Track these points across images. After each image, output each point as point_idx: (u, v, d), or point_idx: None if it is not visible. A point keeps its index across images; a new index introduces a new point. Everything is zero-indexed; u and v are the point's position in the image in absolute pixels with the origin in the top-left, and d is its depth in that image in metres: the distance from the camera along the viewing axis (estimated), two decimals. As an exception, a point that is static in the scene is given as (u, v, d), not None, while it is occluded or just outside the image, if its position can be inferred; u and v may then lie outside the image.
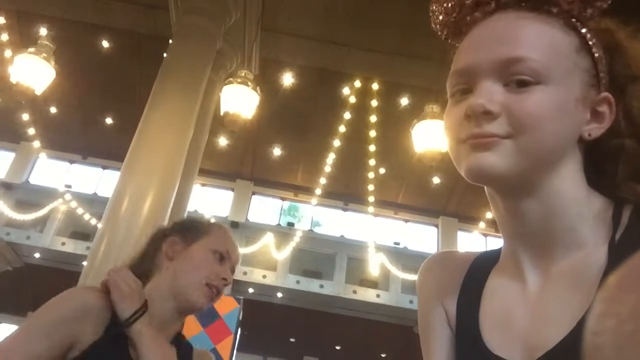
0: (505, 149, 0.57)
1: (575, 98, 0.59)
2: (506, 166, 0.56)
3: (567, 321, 0.55)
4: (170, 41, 6.18)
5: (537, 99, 0.56)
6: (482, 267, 0.70)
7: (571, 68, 0.59)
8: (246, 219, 14.15)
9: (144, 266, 1.31)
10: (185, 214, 6.51)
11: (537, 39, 0.58)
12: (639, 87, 0.62)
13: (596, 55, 0.61)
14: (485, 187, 0.64)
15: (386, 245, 13.65)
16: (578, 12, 0.61)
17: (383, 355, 15.75)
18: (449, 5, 0.66)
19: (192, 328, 5.00)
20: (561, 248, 0.60)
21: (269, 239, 13.12)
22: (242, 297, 5.92)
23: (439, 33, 0.69)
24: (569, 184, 0.60)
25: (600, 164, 0.63)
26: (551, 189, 0.60)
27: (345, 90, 9.44)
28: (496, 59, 0.58)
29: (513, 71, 0.57)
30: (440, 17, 0.67)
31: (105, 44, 9.88)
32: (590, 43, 0.61)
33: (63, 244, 12.78)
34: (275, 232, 13.47)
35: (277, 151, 12.71)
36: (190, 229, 1.33)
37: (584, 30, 0.61)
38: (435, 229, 14.70)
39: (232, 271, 1.31)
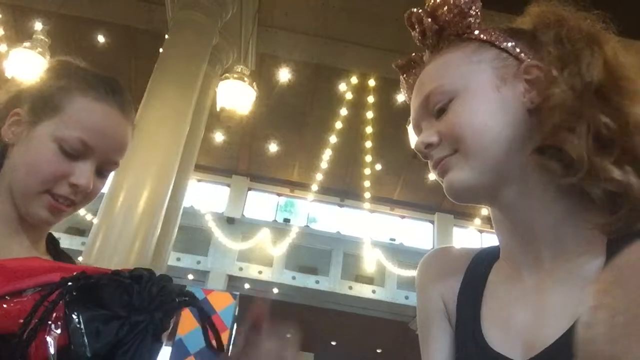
0: (457, 161, 0.64)
1: (493, 84, 0.64)
2: (468, 176, 0.63)
3: (566, 318, 0.55)
4: (166, 36, 6.16)
5: (454, 112, 0.64)
6: (483, 263, 0.71)
7: (475, 67, 0.65)
8: (242, 214, 14.14)
9: None
10: (181, 211, 6.51)
11: (436, 70, 0.68)
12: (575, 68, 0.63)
13: (498, 43, 0.66)
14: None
15: (382, 242, 13.67)
16: (461, 27, 0.68)
17: (378, 351, 15.80)
18: (403, 66, 0.78)
19: (187, 324, 5.01)
20: (555, 244, 0.61)
21: (265, 234, 13.12)
22: (238, 293, 5.92)
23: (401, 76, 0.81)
24: (543, 171, 0.61)
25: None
26: (527, 176, 0.62)
27: (342, 86, 9.43)
28: (419, 104, 0.69)
29: (431, 104, 0.67)
30: (406, 86, 0.78)
31: (101, 39, 9.83)
32: (485, 38, 0.67)
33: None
34: (272, 228, 13.46)
35: (273, 147, 12.69)
36: (43, 98, 0.85)
37: (476, 34, 0.67)
38: (431, 225, 14.73)
39: (106, 168, 0.86)
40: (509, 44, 0.66)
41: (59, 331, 0.59)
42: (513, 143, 0.61)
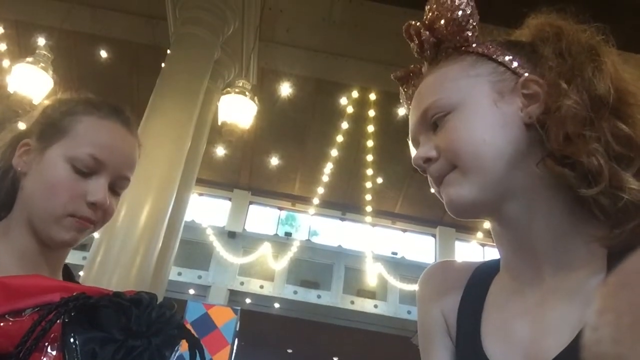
0: (455, 178, 0.63)
1: (490, 98, 0.63)
2: (467, 191, 0.62)
3: (567, 332, 0.55)
4: (169, 51, 6.21)
5: (452, 127, 0.64)
6: (483, 277, 0.70)
7: (473, 81, 0.65)
8: (243, 228, 14.11)
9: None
10: (183, 225, 6.50)
11: (433, 83, 0.68)
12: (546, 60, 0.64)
13: (496, 56, 0.66)
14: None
15: (384, 255, 13.62)
16: (459, 40, 0.67)
17: (381, 366, 15.66)
18: (402, 77, 0.78)
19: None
20: (556, 258, 0.60)
21: (266, 248, 13.08)
22: (239, 308, 5.89)
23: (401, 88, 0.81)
24: (545, 185, 0.60)
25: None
26: (529, 192, 0.61)
27: (343, 100, 9.47)
28: (417, 119, 0.69)
29: (430, 118, 0.66)
30: (406, 97, 0.77)
31: (103, 54, 9.90)
32: (483, 52, 0.66)
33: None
34: (273, 242, 13.43)
35: (274, 161, 12.71)
36: (50, 124, 0.86)
37: (474, 46, 0.67)
38: (432, 238, 14.69)
39: (119, 184, 0.88)
40: (507, 58, 0.65)
41: (54, 352, 0.58)
42: (512, 158, 0.61)
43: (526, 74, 0.64)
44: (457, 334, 0.68)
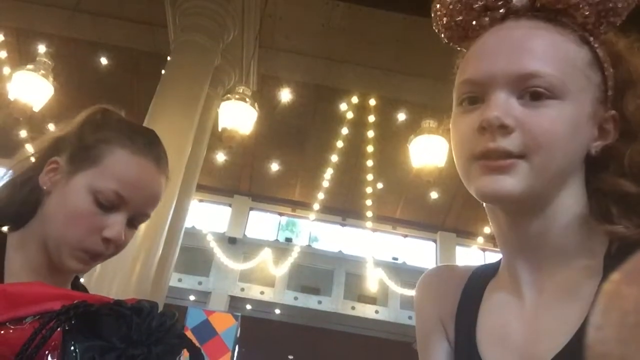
0: (521, 170, 0.55)
1: (587, 114, 0.57)
2: (522, 189, 0.55)
3: (563, 335, 0.54)
4: (169, 58, 6.23)
5: (552, 116, 0.55)
6: (479, 281, 0.70)
7: (585, 83, 0.57)
8: (244, 234, 14.09)
9: (18, 196, 0.87)
10: (183, 231, 6.49)
11: (554, 53, 0.57)
12: (635, 92, 0.61)
13: (606, 71, 0.60)
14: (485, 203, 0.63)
15: (385, 261, 13.59)
16: (592, 26, 0.59)
17: (382, 372, 15.60)
18: (456, 7, 0.63)
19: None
20: (559, 262, 0.60)
21: (266, 254, 13.06)
22: (240, 314, 5.88)
23: (442, 35, 0.66)
24: (573, 200, 0.60)
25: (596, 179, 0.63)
26: (558, 206, 0.59)
27: (343, 106, 9.49)
28: (512, 72, 0.56)
29: (529, 85, 0.55)
30: (445, 20, 0.64)
31: (103, 60, 9.92)
32: (601, 58, 0.60)
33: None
34: (273, 247, 13.41)
35: (274, 167, 12.72)
36: (83, 148, 0.85)
37: (596, 45, 0.60)
38: (433, 244, 14.66)
39: (138, 219, 0.88)
40: (610, 76, 0.60)
41: None
42: (567, 177, 0.59)
43: (612, 111, 0.60)
44: (455, 339, 0.68)
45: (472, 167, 0.58)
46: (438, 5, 0.65)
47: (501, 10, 0.60)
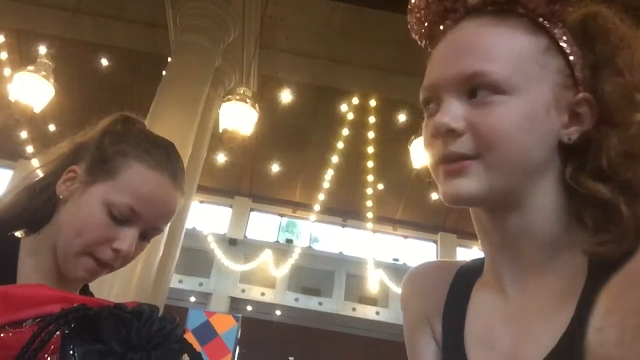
0: (476, 171, 0.55)
1: (546, 103, 0.56)
2: (479, 189, 0.55)
3: (549, 338, 0.53)
4: (169, 59, 6.23)
5: (499, 113, 0.54)
6: (465, 279, 0.69)
7: (538, 72, 0.56)
8: (244, 235, 14.10)
9: (35, 202, 0.88)
10: (184, 232, 6.49)
11: (498, 49, 0.56)
12: (612, 70, 0.57)
13: (569, 53, 0.58)
14: None
15: (385, 262, 13.60)
16: (544, 10, 0.58)
17: (383, 374, 15.60)
18: (421, 14, 0.63)
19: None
20: (541, 260, 0.59)
21: (267, 255, 13.06)
22: (240, 315, 5.87)
23: (421, 43, 0.66)
24: (548, 197, 0.58)
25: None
26: (533, 201, 0.58)
27: (343, 107, 9.49)
28: (456, 75, 0.56)
29: (474, 85, 0.55)
30: (416, 27, 0.65)
31: (104, 62, 9.94)
32: (561, 41, 0.58)
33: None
34: (274, 248, 13.41)
35: (275, 168, 12.73)
36: (101, 159, 0.86)
37: (555, 30, 0.58)
38: (434, 244, 14.66)
39: (150, 233, 0.88)
40: (576, 58, 0.57)
41: None
42: (536, 170, 0.57)
43: (583, 93, 0.57)
44: (442, 340, 0.67)
45: (438, 171, 0.59)
46: (409, 16, 0.65)
47: (460, 11, 0.60)
